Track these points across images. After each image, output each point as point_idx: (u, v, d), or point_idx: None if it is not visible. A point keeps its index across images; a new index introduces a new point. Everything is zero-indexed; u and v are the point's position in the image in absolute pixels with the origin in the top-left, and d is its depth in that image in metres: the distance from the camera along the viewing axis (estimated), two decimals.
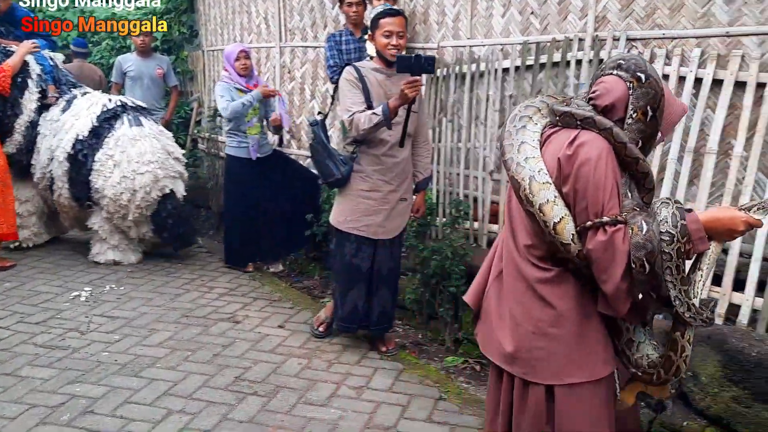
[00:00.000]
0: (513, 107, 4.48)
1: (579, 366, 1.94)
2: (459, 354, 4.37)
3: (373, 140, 3.80)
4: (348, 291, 4.05)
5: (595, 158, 1.79)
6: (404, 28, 3.78)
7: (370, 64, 3.88)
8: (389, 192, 3.91)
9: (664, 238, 1.72)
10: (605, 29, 4.13)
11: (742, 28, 3.50)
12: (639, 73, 1.82)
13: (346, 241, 3.99)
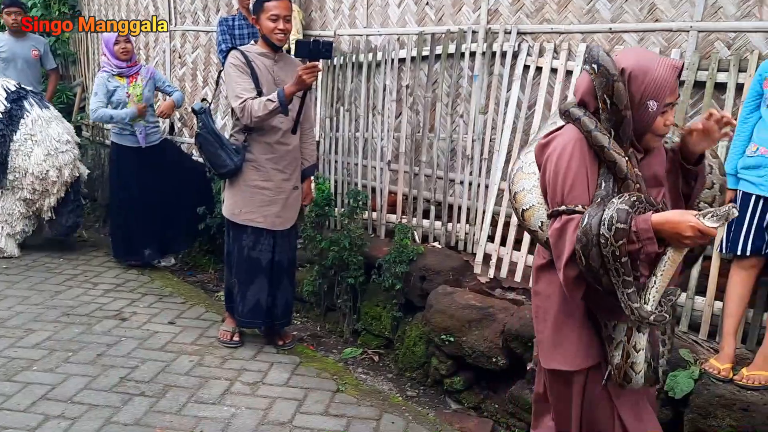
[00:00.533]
0: (409, 97, 4.53)
1: (558, 353, 2.00)
2: (357, 345, 4.36)
3: (265, 128, 3.69)
4: (249, 286, 3.91)
5: (560, 148, 1.82)
6: (290, 12, 3.68)
7: (255, 48, 3.75)
8: (283, 181, 3.81)
9: (601, 241, 1.68)
10: (497, 22, 4.21)
11: (623, 24, 3.66)
12: (592, 64, 1.82)
13: (242, 234, 3.86)
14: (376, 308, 4.32)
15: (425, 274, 4.04)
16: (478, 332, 3.51)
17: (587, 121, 1.82)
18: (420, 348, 3.90)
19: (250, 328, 4.11)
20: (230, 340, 4.07)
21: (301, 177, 3.99)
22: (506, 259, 3.96)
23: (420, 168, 4.54)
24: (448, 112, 4.42)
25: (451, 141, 4.41)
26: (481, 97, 4.21)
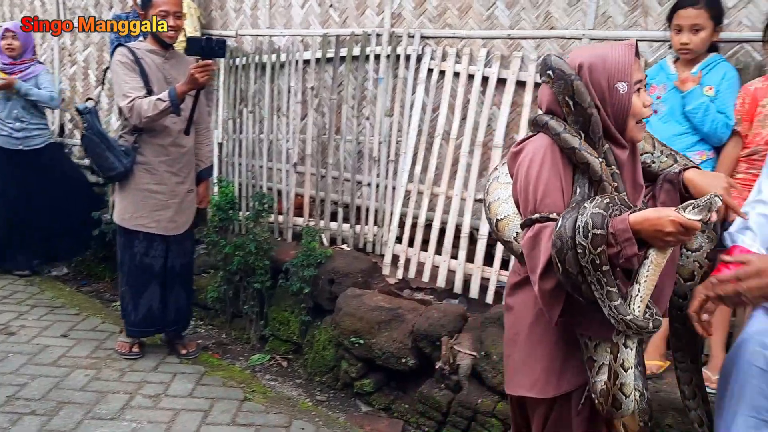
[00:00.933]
0: (315, 99, 4.49)
1: (527, 378, 1.82)
2: (265, 351, 4.27)
3: (157, 128, 3.54)
4: (141, 293, 3.74)
5: (532, 154, 1.73)
6: (182, 8, 3.56)
7: (144, 45, 3.60)
8: (177, 184, 3.68)
9: (578, 250, 1.53)
10: (401, 26, 4.26)
11: (521, 31, 3.80)
12: (548, 71, 1.76)
13: (134, 239, 3.68)
14: (284, 313, 4.25)
15: (334, 277, 4.02)
16: (388, 333, 3.53)
17: (554, 124, 1.74)
18: (329, 352, 3.88)
19: (143, 336, 3.94)
20: (129, 351, 3.88)
21: (197, 179, 3.86)
22: (414, 260, 4.00)
23: (327, 170, 4.51)
24: (354, 114, 4.42)
25: (358, 143, 4.42)
26: (387, 100, 4.24)
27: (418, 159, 4.07)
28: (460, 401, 3.24)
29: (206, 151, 3.93)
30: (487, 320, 3.32)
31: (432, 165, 4.00)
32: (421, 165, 4.06)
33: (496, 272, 3.65)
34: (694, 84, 2.84)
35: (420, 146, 4.09)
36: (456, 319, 3.45)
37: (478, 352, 3.25)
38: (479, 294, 3.71)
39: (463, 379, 3.27)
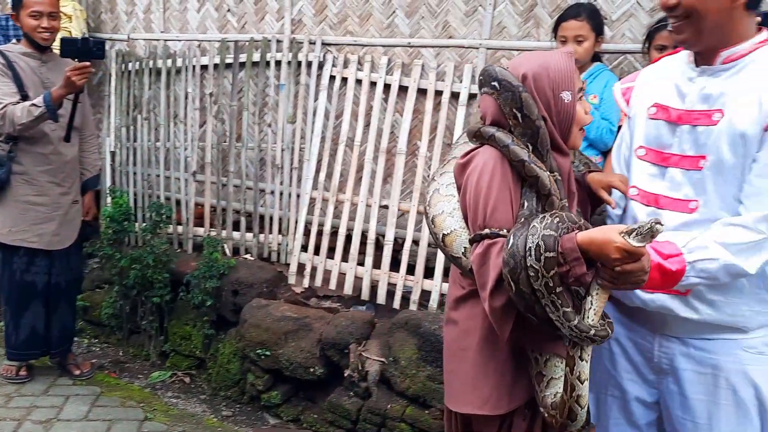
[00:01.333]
0: (214, 105, 4.38)
1: (477, 396, 1.77)
2: (166, 368, 4.10)
3: (36, 136, 3.34)
4: (23, 313, 3.50)
5: (480, 167, 1.68)
6: (57, 8, 3.38)
7: (18, 48, 3.40)
8: (60, 195, 3.49)
9: (530, 273, 1.51)
10: (302, 33, 4.23)
11: (421, 40, 3.87)
12: (493, 83, 1.72)
13: (14, 255, 3.45)
14: (186, 327, 4.10)
15: (238, 288, 3.92)
16: (295, 343, 3.48)
17: (502, 136, 1.69)
18: (234, 365, 3.77)
19: (27, 359, 3.68)
20: (16, 375, 3.62)
21: (82, 189, 3.67)
22: (320, 268, 3.97)
23: (228, 178, 4.40)
24: (255, 121, 4.34)
25: (260, 150, 4.34)
26: (289, 106, 4.20)
27: (322, 166, 4.05)
28: (369, 408, 3.24)
29: (92, 159, 3.74)
30: (395, 325, 3.34)
31: (336, 172, 3.99)
32: (325, 172, 4.04)
33: (403, 277, 3.68)
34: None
35: (324, 153, 4.07)
36: (364, 325, 3.45)
37: (386, 358, 3.27)
38: (386, 299, 3.73)
39: (372, 385, 3.28)
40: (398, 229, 3.80)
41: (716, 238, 1.54)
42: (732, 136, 1.56)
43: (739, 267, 1.53)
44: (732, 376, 1.67)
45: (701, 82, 1.64)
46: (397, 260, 3.75)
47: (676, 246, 1.54)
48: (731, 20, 1.56)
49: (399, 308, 3.64)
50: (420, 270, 3.63)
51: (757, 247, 1.54)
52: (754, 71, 1.57)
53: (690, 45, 1.64)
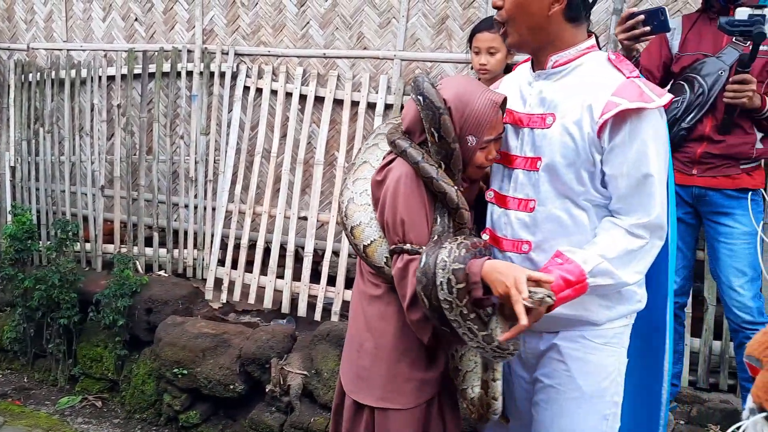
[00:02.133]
0: (122, 117, 4.22)
1: (392, 391, 1.83)
2: (76, 392, 3.91)
3: None
4: None
5: (395, 183, 1.72)
6: None
7: None
8: None
9: (443, 306, 1.60)
10: (214, 43, 4.15)
11: (336, 51, 3.87)
12: (418, 95, 1.73)
13: None
14: (97, 349, 3.91)
15: (152, 305, 3.78)
16: (213, 360, 3.39)
17: (414, 152, 1.73)
18: (150, 386, 3.63)
19: None
20: None
21: None
22: (238, 282, 3.89)
23: (139, 192, 4.24)
24: (167, 133, 4.21)
25: (173, 163, 4.21)
26: (202, 118, 4.10)
27: (238, 178, 3.98)
28: (292, 422, 3.19)
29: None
30: (316, 337, 3.31)
31: (253, 184, 3.93)
32: (241, 184, 3.97)
33: (323, 289, 3.66)
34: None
35: (239, 165, 4.00)
36: (285, 339, 3.41)
37: (308, 371, 3.23)
38: (307, 312, 3.70)
39: (295, 399, 3.23)
40: (318, 240, 3.78)
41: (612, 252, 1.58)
42: (563, 139, 1.61)
43: (628, 283, 1.62)
44: (569, 360, 1.73)
45: (537, 86, 1.70)
46: (318, 272, 3.72)
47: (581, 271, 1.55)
48: (549, 28, 1.63)
49: (320, 320, 3.61)
50: (341, 281, 3.62)
51: (638, 254, 1.60)
52: (580, 76, 1.64)
53: (514, 46, 1.73)
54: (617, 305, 1.70)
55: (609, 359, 1.73)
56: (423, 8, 3.65)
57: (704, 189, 2.56)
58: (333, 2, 3.84)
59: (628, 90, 1.55)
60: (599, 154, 1.59)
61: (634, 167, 1.56)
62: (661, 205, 1.60)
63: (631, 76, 1.59)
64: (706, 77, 2.47)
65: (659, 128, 1.59)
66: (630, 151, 1.56)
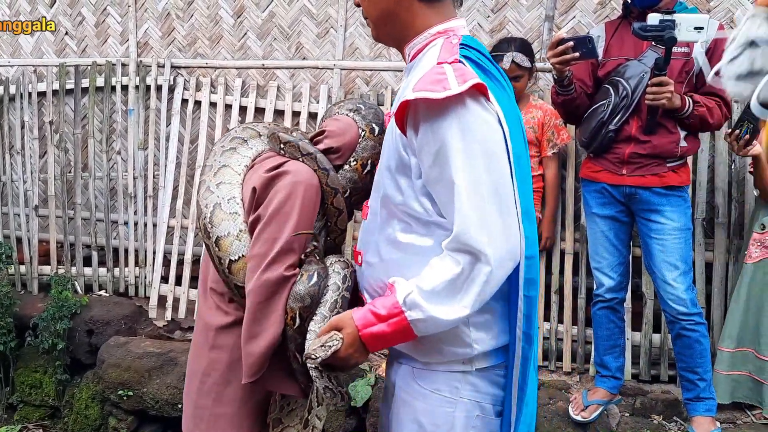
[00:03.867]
0: (55, 134, 4.09)
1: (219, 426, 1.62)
2: (15, 421, 3.75)
3: None
4: None
5: (290, 188, 1.53)
6: None
7: None
8: None
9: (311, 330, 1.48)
10: (149, 55, 4.07)
11: (275, 61, 3.86)
12: (374, 125, 1.67)
13: None
14: (35, 374, 3.77)
15: (93, 327, 3.67)
16: (160, 380, 3.31)
17: (324, 159, 1.61)
18: (94, 410, 3.52)
19: None
20: None
21: None
22: (183, 299, 3.81)
23: (75, 211, 4.11)
24: (103, 149, 4.10)
25: (110, 179, 4.11)
26: (139, 132, 4.01)
27: (179, 192, 3.91)
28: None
29: None
30: None
31: (194, 198, 3.86)
32: (183, 198, 3.90)
33: None
34: None
35: (180, 179, 3.93)
36: None
37: None
38: None
39: None
40: None
41: (427, 284, 1.30)
42: (389, 139, 1.43)
43: (444, 320, 1.29)
44: (396, 404, 1.51)
45: (404, 84, 1.46)
46: None
47: (396, 303, 1.31)
48: (402, 14, 1.40)
49: None
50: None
51: (458, 283, 1.28)
52: (419, 67, 1.38)
53: (379, 41, 1.51)
54: (441, 344, 1.39)
55: (439, 409, 1.42)
56: (361, 18, 3.68)
57: (634, 188, 2.65)
58: (270, 13, 3.82)
59: (426, 77, 1.28)
60: (414, 156, 1.33)
61: (439, 173, 1.28)
62: (471, 222, 1.25)
63: (443, 61, 1.30)
64: (629, 80, 2.57)
65: (471, 124, 1.27)
66: (433, 153, 1.28)
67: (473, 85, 1.25)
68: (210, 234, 1.59)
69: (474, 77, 1.26)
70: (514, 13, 3.46)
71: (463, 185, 1.25)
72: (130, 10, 4.06)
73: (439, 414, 1.42)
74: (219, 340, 1.62)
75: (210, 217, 1.60)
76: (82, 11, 4.17)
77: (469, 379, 1.41)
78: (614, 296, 2.81)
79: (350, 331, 1.34)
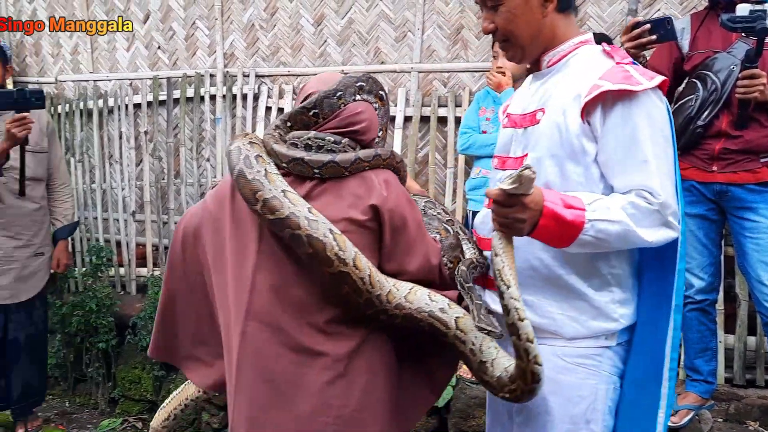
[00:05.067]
0: (149, 143, 4.33)
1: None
2: (116, 415, 3.99)
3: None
4: None
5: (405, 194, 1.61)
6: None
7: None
8: (16, 248, 3.37)
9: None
10: (235, 66, 4.24)
11: (353, 67, 3.93)
12: (380, 91, 1.71)
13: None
14: (135, 371, 4.00)
15: None
16: None
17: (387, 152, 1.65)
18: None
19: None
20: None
21: (54, 239, 3.57)
22: None
23: (169, 216, 4.34)
24: (193, 157, 4.31)
25: (200, 185, 4.31)
26: (226, 140, 4.19)
27: None
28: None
29: (63, 208, 3.62)
30: None
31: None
32: None
33: None
34: (507, 86, 3.10)
35: None
36: None
37: None
38: None
39: None
40: None
41: (618, 203, 1.43)
42: (549, 132, 1.52)
43: (638, 234, 1.42)
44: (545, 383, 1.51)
45: (533, 87, 1.64)
46: None
47: (581, 201, 1.43)
48: (546, 28, 1.56)
49: None
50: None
51: (653, 216, 1.43)
52: (572, 69, 1.56)
53: (517, 60, 1.65)
54: (589, 320, 1.52)
55: (584, 382, 1.53)
56: (438, 20, 3.70)
57: (726, 185, 2.55)
58: (349, 20, 3.91)
59: (614, 73, 1.47)
60: (592, 143, 1.49)
61: (629, 152, 1.45)
62: (666, 190, 1.44)
63: (621, 62, 1.51)
64: (718, 73, 2.47)
65: (655, 114, 1.47)
66: (622, 136, 1.46)
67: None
68: (345, 259, 1.49)
69: (658, 75, 1.49)
70: (595, 8, 3.39)
71: (654, 163, 1.44)
72: (217, 23, 4.25)
73: (584, 386, 1.54)
74: (352, 366, 1.56)
75: (336, 244, 1.49)
76: (172, 26, 4.40)
77: (608, 354, 1.55)
78: (705, 298, 2.71)
79: (537, 195, 1.38)
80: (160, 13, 4.40)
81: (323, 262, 1.49)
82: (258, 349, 1.56)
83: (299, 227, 1.47)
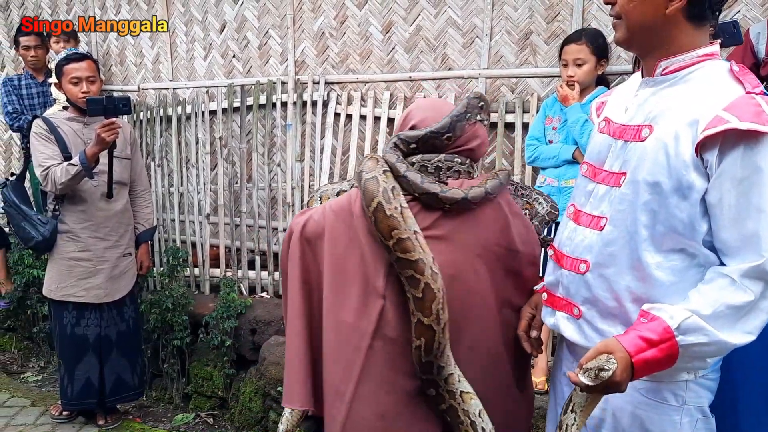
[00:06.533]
0: (224, 148, 4.48)
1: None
2: (189, 410, 4.14)
3: (78, 194, 3.48)
4: (76, 365, 3.60)
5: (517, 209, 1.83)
6: (95, 72, 3.52)
7: (64, 114, 3.60)
8: (105, 249, 3.58)
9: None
10: (305, 73, 4.34)
11: (421, 73, 3.95)
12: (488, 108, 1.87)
13: (63, 310, 3.57)
14: (207, 368, 4.15)
15: (255, 326, 3.97)
16: None
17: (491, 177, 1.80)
18: (256, 403, 3.81)
19: (81, 409, 3.77)
20: (60, 414, 3.81)
21: (136, 243, 3.78)
22: None
23: (241, 219, 4.48)
24: (265, 162, 4.44)
25: (271, 190, 4.43)
26: (297, 145, 4.29)
27: None
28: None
29: (145, 213, 3.83)
30: None
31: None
32: None
33: None
34: (573, 101, 3.05)
35: None
36: None
37: None
38: None
39: None
40: None
41: (707, 309, 1.35)
42: (655, 155, 1.41)
43: (731, 344, 1.36)
44: (618, 413, 1.54)
45: (642, 95, 1.51)
46: None
47: (667, 327, 1.35)
48: (666, 28, 1.43)
49: None
50: None
51: (745, 310, 1.35)
52: (692, 87, 1.42)
53: (623, 45, 1.54)
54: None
55: (666, 418, 1.49)
56: (506, 26, 3.67)
57: None
58: (417, 27, 3.93)
59: (743, 106, 1.31)
60: (703, 179, 1.36)
61: (744, 199, 1.32)
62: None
63: (752, 91, 1.35)
64: None
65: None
66: (740, 180, 1.32)
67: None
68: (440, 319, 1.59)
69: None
70: None
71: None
72: (289, 32, 4.35)
73: (665, 422, 1.50)
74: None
75: (442, 302, 1.59)
76: (247, 35, 4.54)
77: (691, 387, 1.49)
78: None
79: (622, 356, 1.34)
80: (235, 23, 4.55)
81: (424, 312, 1.57)
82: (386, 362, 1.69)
83: (423, 274, 1.57)
